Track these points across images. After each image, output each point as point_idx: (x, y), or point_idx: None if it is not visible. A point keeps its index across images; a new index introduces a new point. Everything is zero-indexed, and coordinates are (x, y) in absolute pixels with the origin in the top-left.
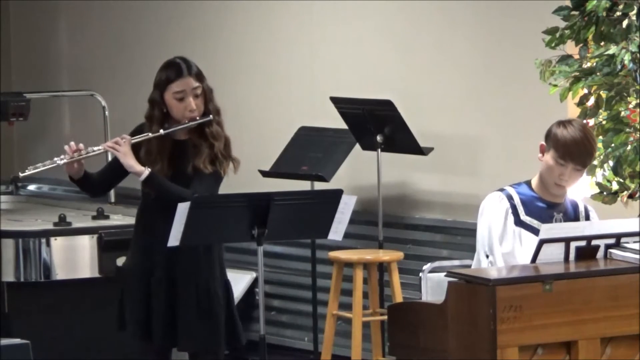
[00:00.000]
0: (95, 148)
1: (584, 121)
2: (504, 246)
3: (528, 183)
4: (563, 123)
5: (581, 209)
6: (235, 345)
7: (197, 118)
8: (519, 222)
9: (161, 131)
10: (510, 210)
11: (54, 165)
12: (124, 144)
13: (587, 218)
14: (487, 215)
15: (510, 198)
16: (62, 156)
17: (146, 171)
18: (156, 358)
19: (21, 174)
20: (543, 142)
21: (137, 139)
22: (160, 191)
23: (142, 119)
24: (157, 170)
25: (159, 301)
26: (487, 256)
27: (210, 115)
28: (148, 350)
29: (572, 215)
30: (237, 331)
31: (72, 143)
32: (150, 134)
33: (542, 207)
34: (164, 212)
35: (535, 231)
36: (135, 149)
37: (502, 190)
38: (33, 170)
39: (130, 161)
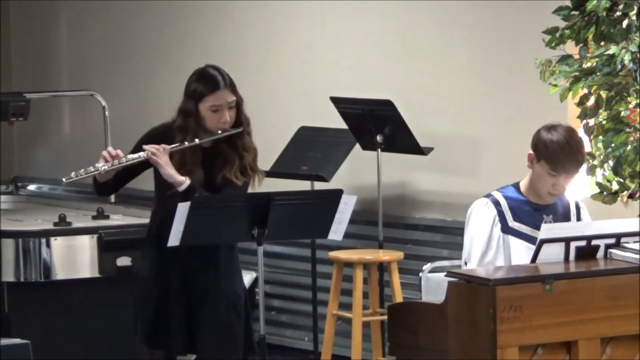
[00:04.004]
0: (134, 155)
1: (584, 121)
2: (484, 262)
3: (516, 186)
4: (549, 130)
5: (572, 207)
6: (251, 352)
7: (229, 129)
8: (506, 229)
9: (196, 141)
10: (497, 218)
11: (96, 172)
12: (164, 154)
13: (579, 216)
14: (472, 224)
15: (497, 204)
16: (101, 162)
17: (187, 181)
18: None
19: (65, 179)
20: (531, 152)
21: (174, 147)
22: None
23: (142, 119)
24: (193, 181)
25: (178, 308)
26: (466, 263)
27: (242, 127)
28: (156, 356)
29: (562, 214)
30: (252, 338)
31: (110, 148)
32: (187, 143)
33: (531, 211)
34: None
35: (525, 237)
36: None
37: (488, 196)
38: (75, 177)
39: (170, 171)
